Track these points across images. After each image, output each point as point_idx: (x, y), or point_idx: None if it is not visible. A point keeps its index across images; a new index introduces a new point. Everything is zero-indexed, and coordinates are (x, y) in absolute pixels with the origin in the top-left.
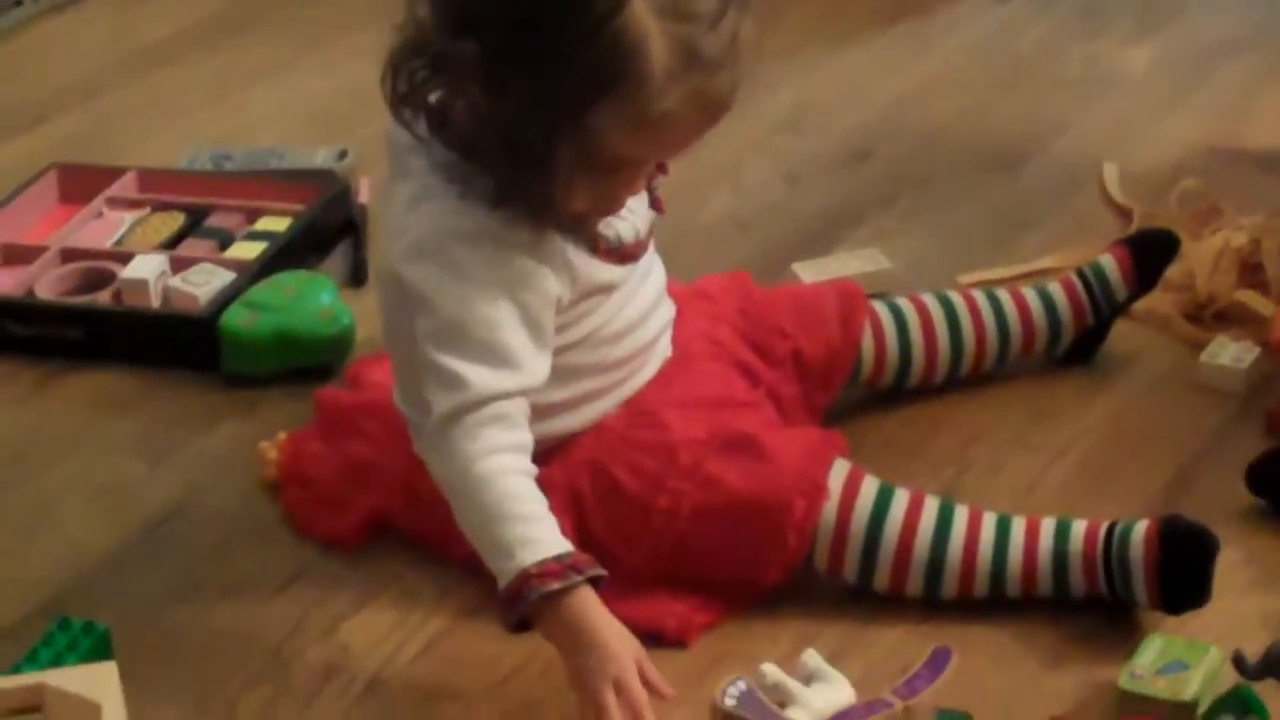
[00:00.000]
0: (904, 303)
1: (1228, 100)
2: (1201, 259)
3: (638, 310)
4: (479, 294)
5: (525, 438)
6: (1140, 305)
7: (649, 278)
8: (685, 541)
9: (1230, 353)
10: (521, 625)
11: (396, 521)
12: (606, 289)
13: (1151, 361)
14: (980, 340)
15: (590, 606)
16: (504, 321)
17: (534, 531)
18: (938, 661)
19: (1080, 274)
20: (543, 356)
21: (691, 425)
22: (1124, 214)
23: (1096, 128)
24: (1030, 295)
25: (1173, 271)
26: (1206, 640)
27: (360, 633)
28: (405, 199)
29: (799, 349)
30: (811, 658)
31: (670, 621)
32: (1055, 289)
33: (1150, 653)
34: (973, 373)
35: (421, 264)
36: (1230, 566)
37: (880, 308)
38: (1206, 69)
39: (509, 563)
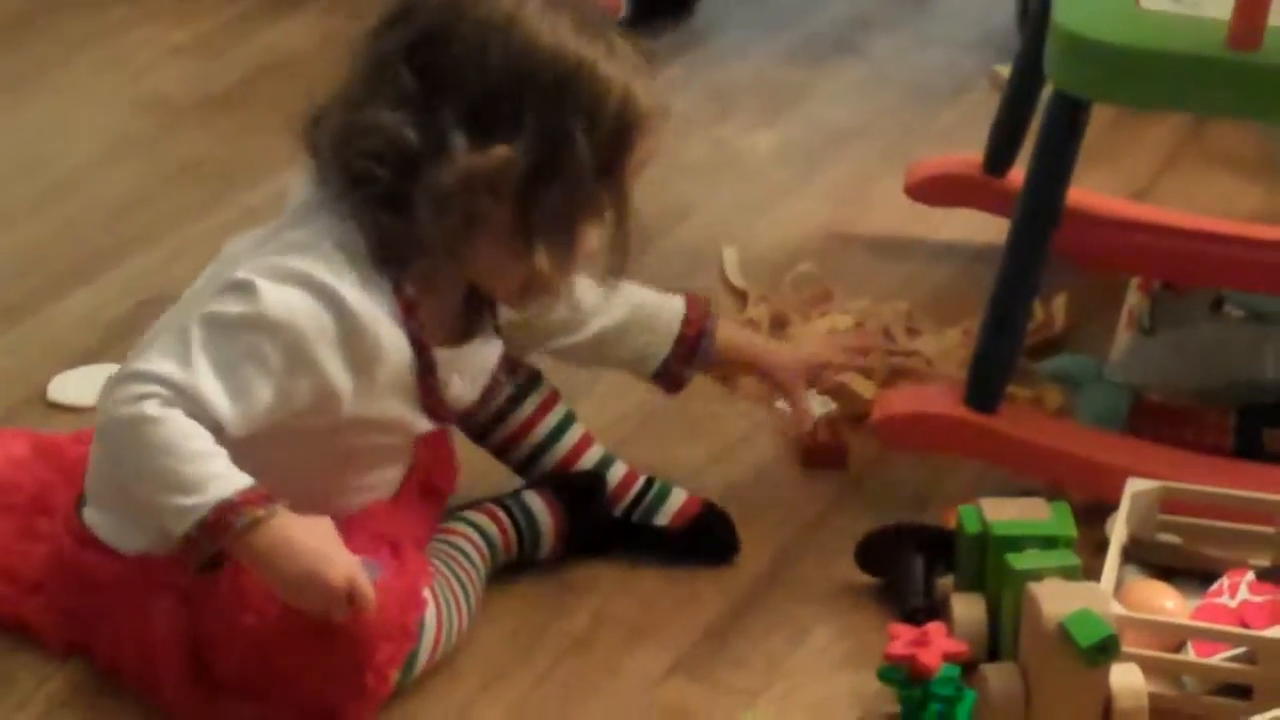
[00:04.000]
0: None
1: (845, 187)
2: (809, 341)
3: (402, 460)
4: (281, 337)
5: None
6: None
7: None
8: (264, 664)
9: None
10: (209, 564)
11: None
12: (399, 428)
13: (760, 444)
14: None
15: (296, 526)
16: (263, 375)
17: (220, 466)
18: None
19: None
20: (249, 425)
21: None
22: (741, 297)
23: (720, 211)
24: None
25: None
26: (796, 718)
27: None
28: (286, 240)
29: None
30: None
31: None
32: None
33: None
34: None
35: (274, 283)
36: (824, 644)
37: None
38: (826, 156)
39: (200, 497)
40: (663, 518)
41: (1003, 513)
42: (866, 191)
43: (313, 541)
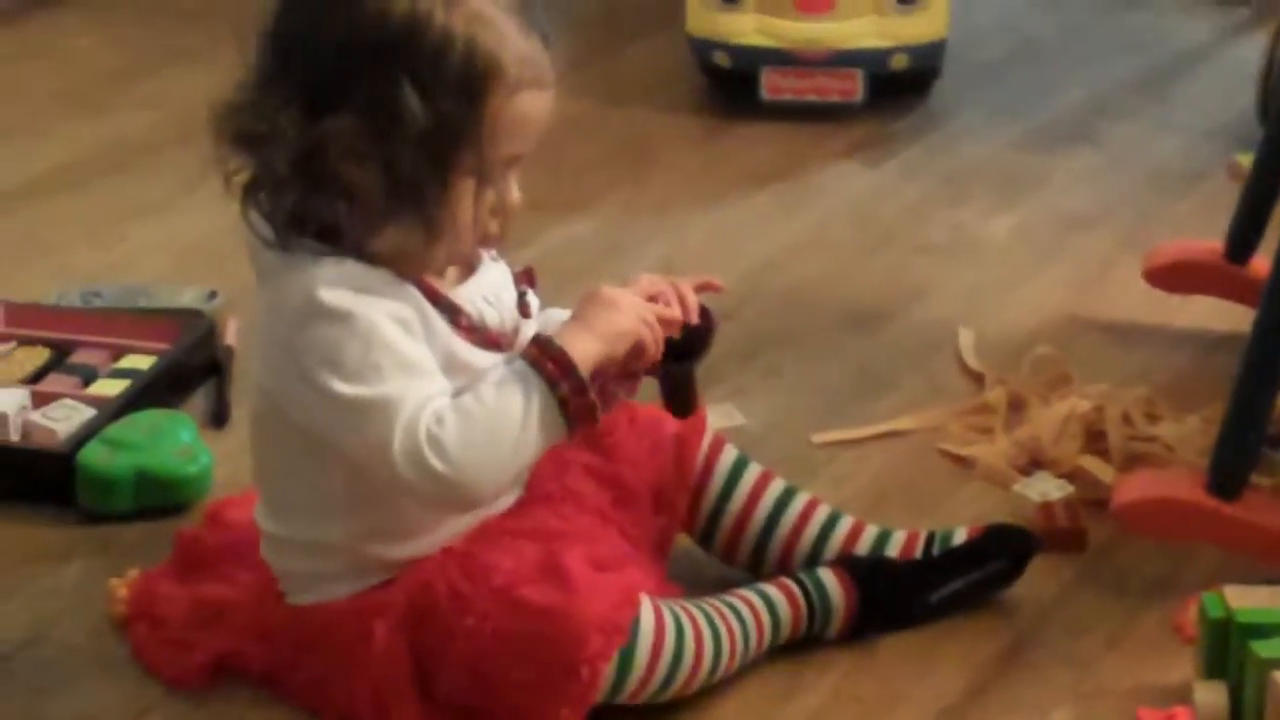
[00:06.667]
0: (750, 470)
1: (1082, 271)
2: (1048, 424)
3: None
4: (367, 323)
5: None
6: (985, 463)
7: None
8: (485, 666)
9: (1041, 487)
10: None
11: (245, 663)
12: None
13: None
14: (790, 548)
15: (573, 336)
16: (399, 339)
17: (493, 380)
18: None
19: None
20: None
21: (516, 553)
22: (977, 379)
23: (956, 293)
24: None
25: (1019, 434)
26: None
27: None
28: (267, 300)
29: (644, 478)
30: None
31: None
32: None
33: None
34: (779, 567)
35: (308, 330)
36: None
37: (727, 452)
38: (1063, 240)
39: (544, 411)
40: (956, 540)
41: (1247, 600)
42: (1103, 277)
43: (600, 325)
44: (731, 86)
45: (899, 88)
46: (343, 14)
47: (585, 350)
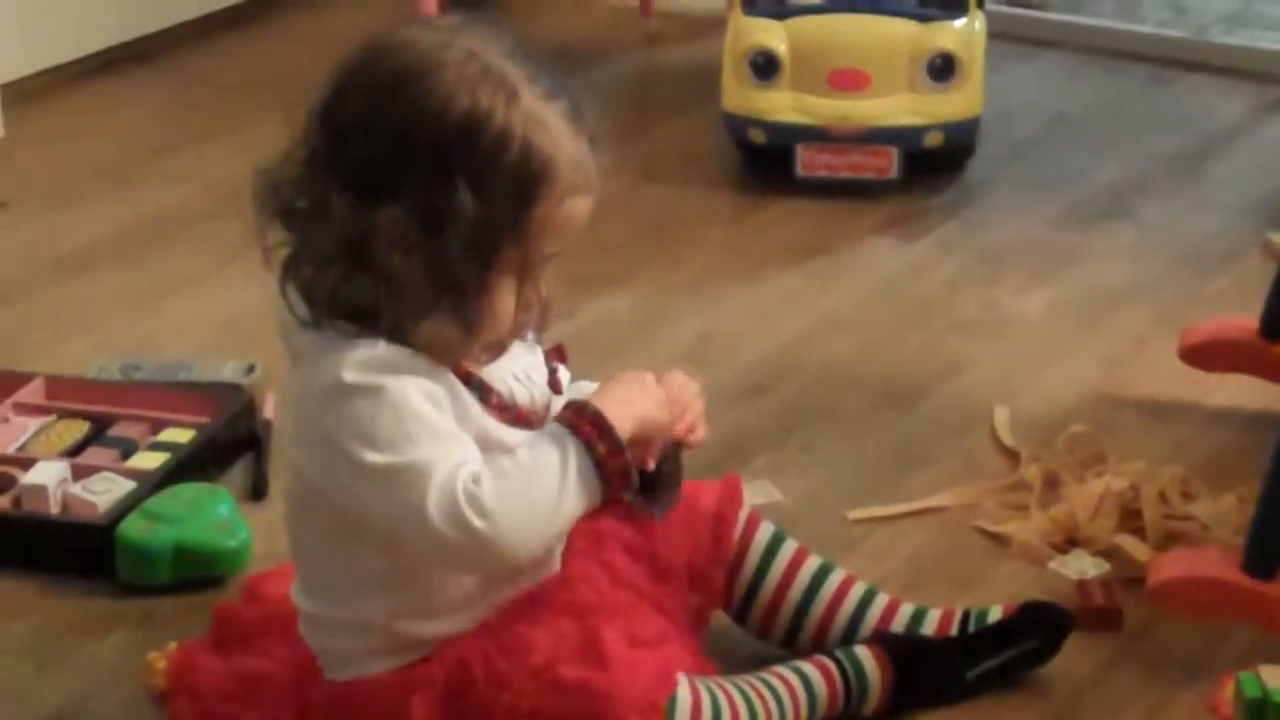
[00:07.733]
0: (786, 546)
1: (1117, 348)
2: (1083, 502)
3: None
4: (398, 394)
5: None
6: (1022, 541)
7: None
8: None
9: (1077, 565)
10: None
11: None
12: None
13: None
14: (827, 623)
15: (609, 404)
16: (430, 412)
17: (533, 443)
18: None
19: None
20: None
21: (553, 630)
22: (1012, 456)
23: (991, 370)
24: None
25: (1055, 512)
26: None
27: None
28: (299, 382)
29: (680, 554)
30: None
31: None
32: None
33: None
34: (815, 643)
35: (340, 407)
36: None
37: (764, 528)
38: (1098, 318)
39: (580, 470)
40: (991, 618)
41: None
42: (1138, 354)
43: (640, 408)
44: (766, 163)
45: (934, 165)
46: (404, 105)
47: (619, 417)
